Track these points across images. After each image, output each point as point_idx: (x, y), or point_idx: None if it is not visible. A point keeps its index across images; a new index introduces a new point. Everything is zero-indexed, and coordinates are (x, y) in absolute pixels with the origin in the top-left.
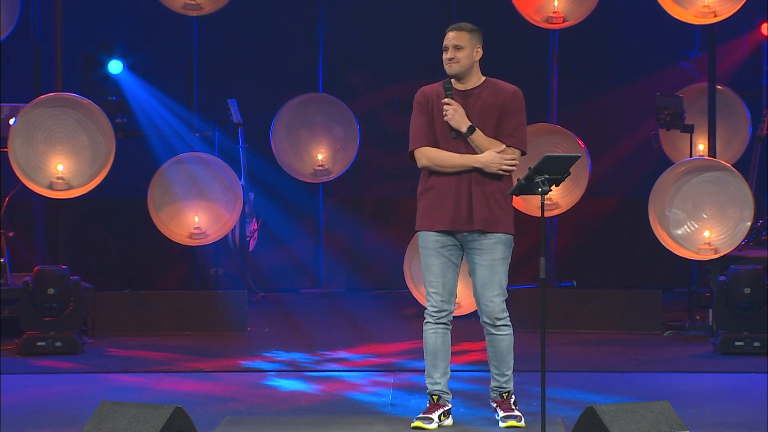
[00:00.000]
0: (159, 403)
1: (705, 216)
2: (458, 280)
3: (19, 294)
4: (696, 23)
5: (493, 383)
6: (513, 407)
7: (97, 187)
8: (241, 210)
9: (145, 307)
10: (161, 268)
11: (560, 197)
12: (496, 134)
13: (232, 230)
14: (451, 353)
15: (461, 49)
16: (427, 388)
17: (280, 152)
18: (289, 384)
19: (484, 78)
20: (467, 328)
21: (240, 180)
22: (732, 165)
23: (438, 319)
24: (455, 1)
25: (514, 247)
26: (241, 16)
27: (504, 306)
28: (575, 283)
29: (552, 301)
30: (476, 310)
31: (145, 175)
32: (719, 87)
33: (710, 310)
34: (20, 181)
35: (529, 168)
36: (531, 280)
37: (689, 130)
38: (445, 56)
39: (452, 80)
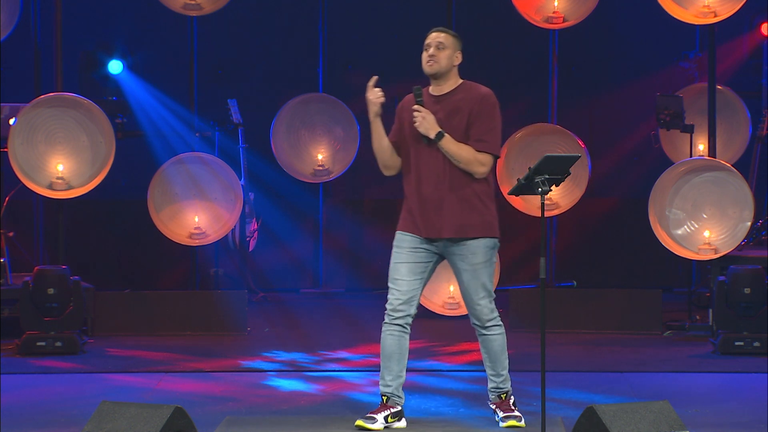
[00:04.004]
0: (159, 403)
1: (705, 216)
2: (424, 287)
3: (19, 294)
4: (696, 23)
5: (490, 384)
6: (513, 408)
7: (97, 187)
8: (241, 210)
9: (145, 307)
10: (161, 268)
11: (560, 197)
12: (466, 139)
13: (232, 230)
14: (451, 353)
15: (443, 49)
16: (379, 388)
17: (280, 152)
18: (289, 384)
19: (461, 81)
20: (467, 328)
21: (240, 180)
22: (732, 165)
23: (394, 319)
24: (455, 1)
25: (500, 248)
26: (241, 16)
27: (492, 306)
28: (575, 283)
29: (552, 301)
30: None
31: (145, 175)
32: (719, 87)
33: (710, 310)
34: (20, 181)
35: (529, 168)
36: (531, 280)
37: (689, 130)
38: (425, 54)
39: (430, 86)
